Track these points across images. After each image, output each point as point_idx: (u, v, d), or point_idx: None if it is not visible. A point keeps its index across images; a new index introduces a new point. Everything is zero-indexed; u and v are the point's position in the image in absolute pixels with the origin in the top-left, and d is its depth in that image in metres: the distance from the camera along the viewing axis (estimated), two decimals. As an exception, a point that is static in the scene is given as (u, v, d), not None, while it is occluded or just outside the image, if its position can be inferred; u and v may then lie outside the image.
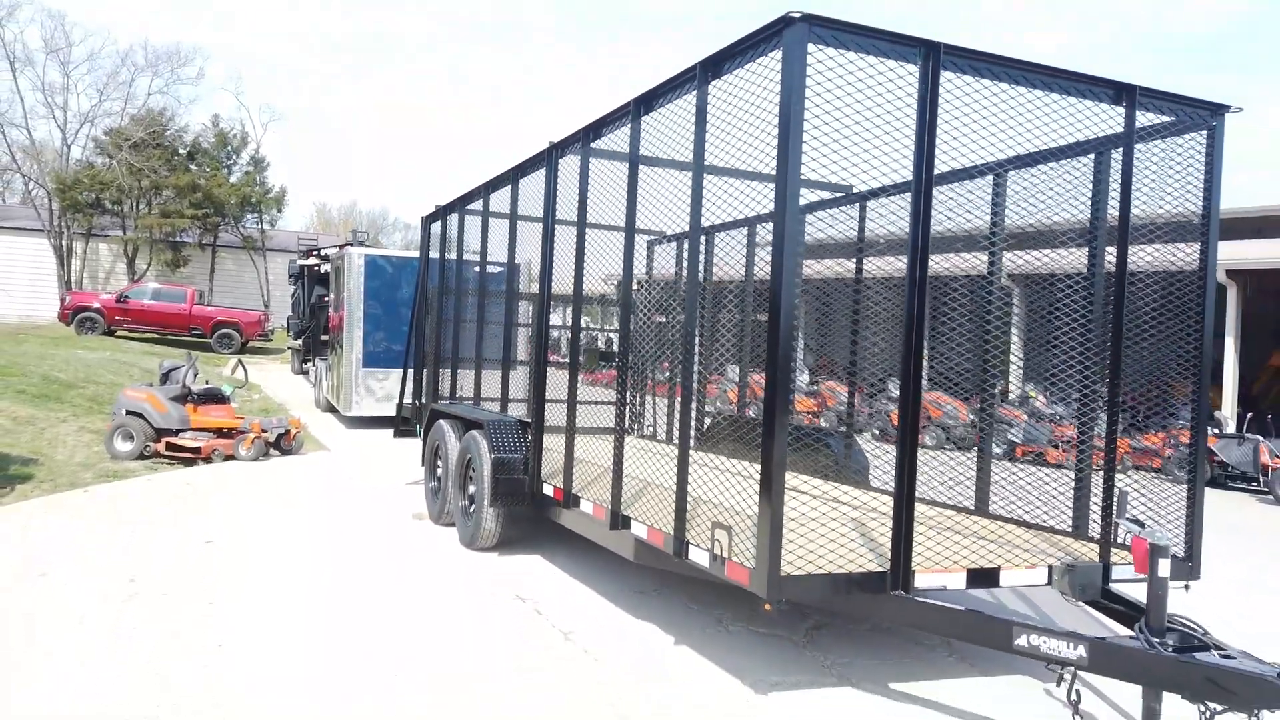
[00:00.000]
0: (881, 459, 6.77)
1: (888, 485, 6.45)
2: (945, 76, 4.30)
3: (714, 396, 12.30)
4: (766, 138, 4.22)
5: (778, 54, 4.12)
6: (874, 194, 6.92)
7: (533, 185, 7.11)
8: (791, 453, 7.68)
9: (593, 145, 6.05)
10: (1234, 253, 17.50)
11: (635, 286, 5.61)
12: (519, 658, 4.83)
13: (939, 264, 6.39)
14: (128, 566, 6.13)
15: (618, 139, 5.69)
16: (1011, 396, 14.65)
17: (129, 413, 11.01)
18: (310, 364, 20.40)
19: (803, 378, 17.28)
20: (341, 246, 17.42)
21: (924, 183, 4.27)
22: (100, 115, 35.18)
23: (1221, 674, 3.47)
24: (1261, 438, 14.40)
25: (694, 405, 8.97)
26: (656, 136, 5.29)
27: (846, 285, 6.77)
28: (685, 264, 5.00)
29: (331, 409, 16.77)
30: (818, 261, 7.15)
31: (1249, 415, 15.73)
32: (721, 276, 8.39)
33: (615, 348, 5.66)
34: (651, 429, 9.25)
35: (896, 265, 6.24)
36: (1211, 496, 13.43)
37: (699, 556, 4.56)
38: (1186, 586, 4.87)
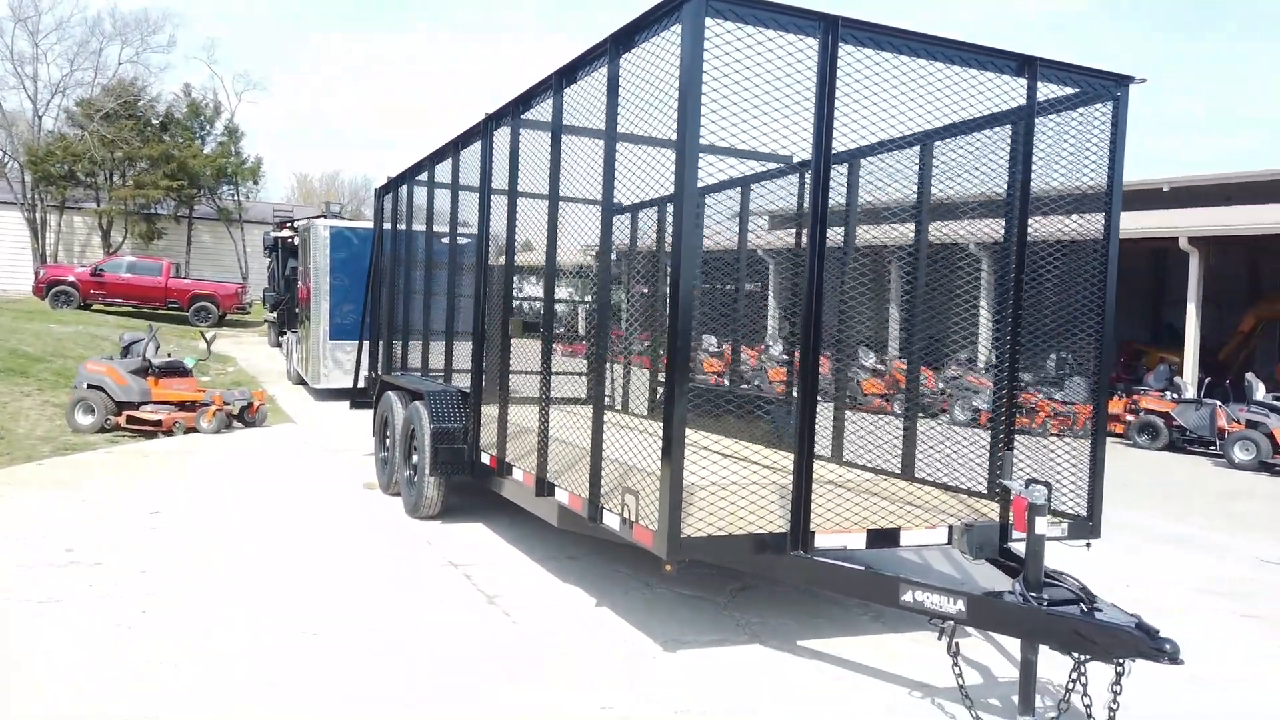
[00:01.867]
0: (855, 428, 6.80)
1: (828, 451, 6.64)
2: (845, 50, 4.37)
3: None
4: (674, 110, 4.30)
5: (678, 27, 4.19)
6: (765, 176, 7.06)
7: (472, 157, 7.16)
8: (735, 419, 7.86)
9: (523, 116, 6.11)
10: (1195, 220, 17.66)
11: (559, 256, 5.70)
12: (437, 619, 4.98)
13: (893, 234, 6.54)
14: (67, 537, 6.24)
15: (545, 110, 5.76)
16: (980, 364, 14.84)
17: (90, 386, 11.07)
18: (285, 337, 20.43)
19: (776, 348, 17.45)
20: (314, 218, 17.38)
21: (823, 157, 4.36)
22: (71, 85, 34.78)
23: (1086, 626, 3.63)
24: (1219, 403, 14.65)
25: (610, 373, 9.15)
26: (578, 108, 5.36)
27: (800, 256, 6.86)
28: (600, 235, 5.07)
29: (302, 382, 16.84)
30: (784, 232, 7.27)
31: (1207, 380, 15.96)
32: (647, 246, 8.50)
33: (542, 317, 5.76)
34: (611, 399, 9.39)
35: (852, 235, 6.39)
36: (1168, 459, 13.81)
37: (611, 520, 4.70)
38: (1088, 544, 5.04)
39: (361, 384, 10.67)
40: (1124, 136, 5.02)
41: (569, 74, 5.37)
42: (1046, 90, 4.96)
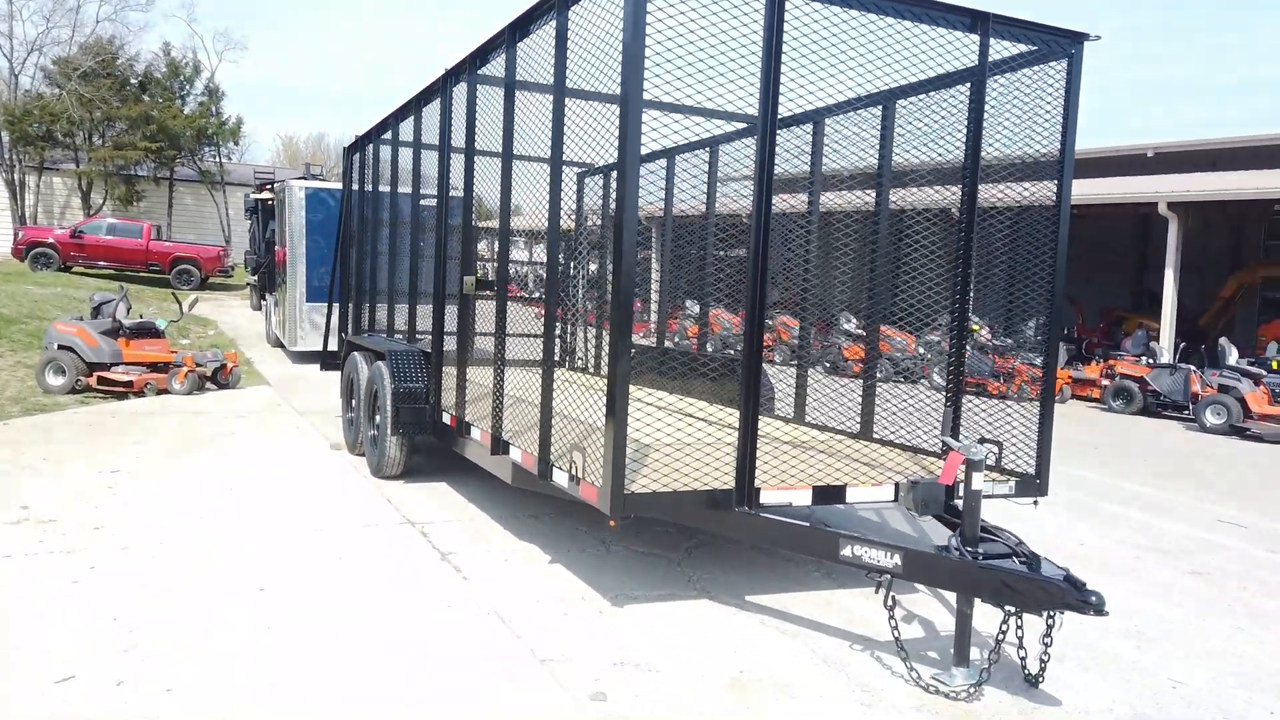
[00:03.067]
0: (822, 391, 6.78)
1: (808, 415, 6.66)
2: (793, 5, 4.33)
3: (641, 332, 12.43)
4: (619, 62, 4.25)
5: (622, -22, 4.13)
6: (735, 136, 7.01)
7: (433, 115, 7.08)
8: (704, 380, 7.87)
9: (479, 72, 6.04)
10: (1175, 185, 17.64)
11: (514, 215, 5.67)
12: (387, 575, 5.02)
13: (865, 199, 6.51)
14: (25, 495, 6.24)
15: (500, 66, 5.69)
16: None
17: (60, 347, 11.02)
18: (266, 300, 20.33)
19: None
20: (291, 180, 17.22)
21: (769, 116, 4.32)
22: (48, 44, 34.16)
23: (1015, 579, 3.68)
24: (1193, 368, 14.75)
25: (576, 334, 9.14)
26: (532, 63, 5.30)
27: (794, 221, 6.81)
28: (549, 193, 5.03)
29: (281, 344, 16.79)
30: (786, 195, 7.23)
31: (1183, 345, 16.06)
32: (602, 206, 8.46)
33: (496, 276, 5.74)
34: (582, 361, 9.40)
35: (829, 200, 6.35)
36: (1143, 423, 13.92)
37: (560, 478, 4.73)
38: (1035, 503, 5.10)
39: (334, 346, 10.64)
40: (1078, 95, 4.99)
41: (521, 27, 5.31)
42: (1000, 48, 4.93)
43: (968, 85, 5.07)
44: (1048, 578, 3.62)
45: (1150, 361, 15.59)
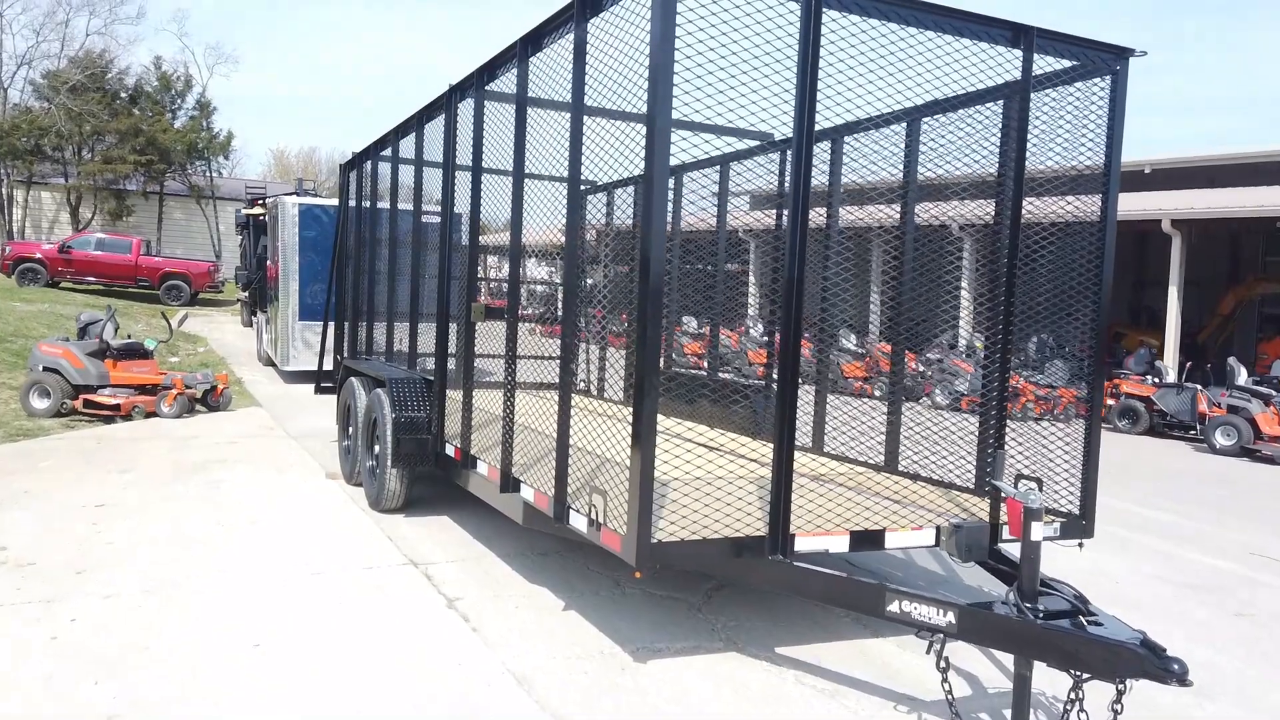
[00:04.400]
0: (837, 415, 6.50)
1: (808, 442, 6.36)
2: (829, 15, 4.05)
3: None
4: (645, 81, 3.96)
5: (649, -13, 3.85)
6: (745, 154, 6.77)
7: (436, 131, 6.79)
8: (713, 406, 7.56)
9: (487, 88, 5.75)
10: (1178, 202, 17.48)
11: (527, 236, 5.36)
12: (391, 627, 4.67)
13: (876, 215, 6.25)
14: (3, 534, 5.88)
15: (510, 81, 5.39)
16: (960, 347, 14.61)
17: (45, 368, 10.65)
18: (257, 317, 19.95)
19: (756, 330, 17.15)
20: (284, 195, 16.90)
21: (805, 131, 4.04)
22: (37, 58, 33.91)
23: (1085, 643, 3.37)
24: (1200, 387, 14.53)
25: (584, 356, 8.84)
26: (545, 79, 5.00)
27: (780, 237, 6.55)
28: (567, 213, 4.73)
29: (272, 363, 16.41)
30: (765, 212, 6.97)
31: (1188, 364, 15.84)
32: (620, 225, 8.18)
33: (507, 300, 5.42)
34: (585, 383, 9.09)
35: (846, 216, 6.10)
36: (1150, 444, 13.66)
37: (578, 522, 4.40)
38: (1080, 544, 4.80)
39: (329, 366, 10.29)
40: (1123, 112, 4.72)
41: (534, 41, 5.02)
42: (1043, 63, 4.66)
43: (1000, 101, 4.82)
44: (1123, 642, 3.31)
45: (1156, 380, 15.36)
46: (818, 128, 4.16)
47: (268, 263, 16.88)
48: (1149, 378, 15.57)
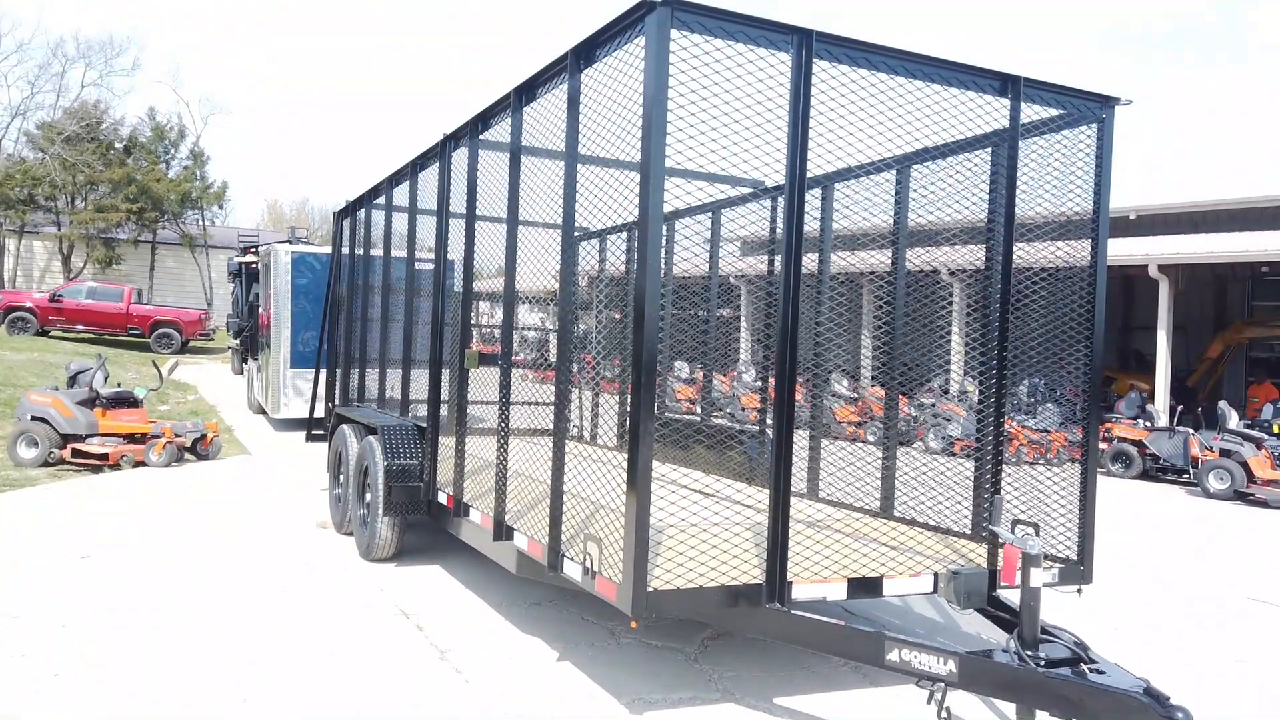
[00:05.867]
0: (830, 459, 6.48)
1: (803, 488, 6.32)
2: (820, 66, 4.12)
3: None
4: (639, 129, 4.00)
5: (641, 40, 3.91)
6: (737, 201, 6.85)
7: (430, 180, 6.84)
8: (707, 450, 7.53)
9: (481, 137, 5.81)
10: (1165, 247, 17.68)
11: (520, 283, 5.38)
12: (383, 680, 4.58)
13: (868, 261, 6.29)
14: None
15: (504, 130, 5.45)
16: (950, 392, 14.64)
17: (34, 418, 10.57)
18: (247, 364, 19.90)
19: (748, 375, 17.17)
20: (276, 243, 16.96)
21: (797, 178, 4.08)
22: (32, 108, 34.18)
23: (1089, 692, 3.33)
24: (1191, 431, 14.56)
25: (578, 402, 8.82)
26: (540, 127, 5.06)
27: (773, 283, 6.60)
28: (561, 261, 4.74)
29: (263, 411, 16.32)
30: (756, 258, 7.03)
31: (1180, 409, 15.89)
32: (614, 271, 8.22)
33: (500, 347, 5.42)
34: (578, 429, 9.05)
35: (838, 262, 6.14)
36: (1142, 488, 13.64)
37: (573, 570, 4.35)
38: (1079, 591, 4.76)
39: (320, 414, 10.23)
40: (1110, 160, 4.79)
41: (528, 90, 5.08)
42: (1030, 111, 4.73)
43: (990, 149, 4.88)
44: (1126, 690, 3.26)
45: (1148, 424, 15.39)
46: (810, 174, 4.21)
47: (260, 310, 16.88)
48: (1141, 421, 15.60)
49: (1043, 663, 3.50)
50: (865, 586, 4.28)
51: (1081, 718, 3.33)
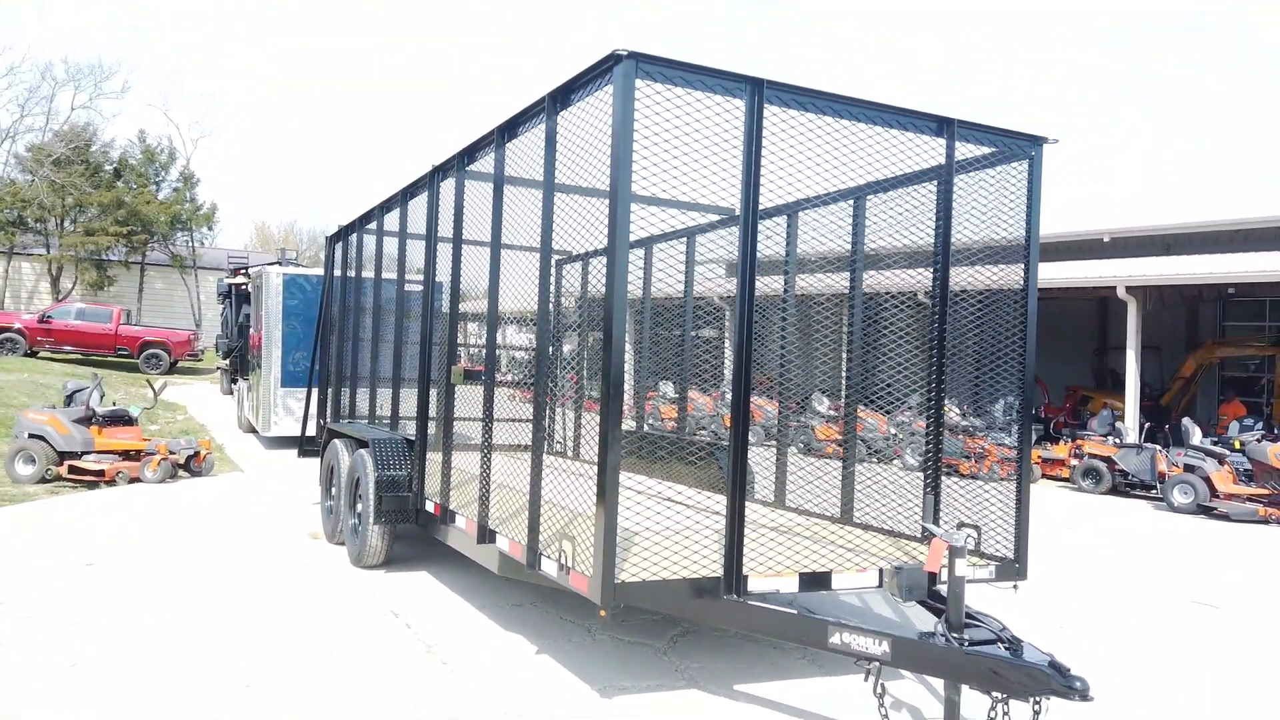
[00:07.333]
0: (800, 473, 6.89)
1: (771, 497, 6.75)
2: (771, 110, 4.58)
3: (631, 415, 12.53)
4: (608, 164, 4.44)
5: (610, 88, 4.36)
6: (709, 227, 7.30)
7: (419, 207, 7.27)
8: (683, 465, 7.94)
9: (468, 169, 6.25)
10: (1132, 269, 18.26)
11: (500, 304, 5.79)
12: (374, 670, 4.96)
13: (832, 283, 6.73)
14: (-2, 590, 6.12)
15: (489, 163, 5.89)
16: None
17: (31, 435, 10.88)
18: (237, 385, 20.20)
19: (730, 395, 17.61)
20: (267, 265, 17.33)
21: (751, 209, 4.53)
22: (21, 131, 34.52)
23: (1002, 665, 3.75)
24: (1159, 447, 15.05)
25: (559, 418, 9.23)
26: (521, 161, 5.50)
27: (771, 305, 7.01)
28: (539, 283, 5.17)
29: (253, 430, 16.64)
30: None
31: (1148, 425, 16.39)
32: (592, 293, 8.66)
33: (483, 364, 5.83)
34: (561, 444, 9.44)
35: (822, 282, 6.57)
36: (1110, 503, 14.10)
37: (549, 567, 4.75)
38: (1015, 586, 5.18)
39: (311, 432, 10.60)
40: (1039, 193, 5.27)
41: (510, 129, 5.52)
42: (966, 150, 5.21)
43: (935, 182, 5.35)
44: (1033, 663, 3.69)
45: (1117, 441, 15.88)
46: (774, 204, 4.65)
47: (251, 331, 17.23)
48: (1110, 438, 16.10)
49: (966, 643, 3.92)
50: (816, 580, 4.70)
51: (998, 690, 3.75)
